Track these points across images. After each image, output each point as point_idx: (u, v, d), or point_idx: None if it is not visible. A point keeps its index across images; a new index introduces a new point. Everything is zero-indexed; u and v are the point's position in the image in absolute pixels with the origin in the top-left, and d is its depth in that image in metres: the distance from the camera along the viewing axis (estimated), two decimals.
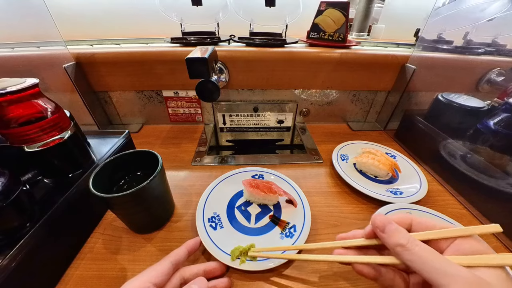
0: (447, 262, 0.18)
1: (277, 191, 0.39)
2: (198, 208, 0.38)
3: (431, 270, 0.17)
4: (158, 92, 0.64)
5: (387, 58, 0.59)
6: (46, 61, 0.54)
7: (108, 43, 0.65)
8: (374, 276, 0.22)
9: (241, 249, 0.31)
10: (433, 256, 0.18)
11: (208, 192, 0.41)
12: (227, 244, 0.32)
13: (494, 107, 0.42)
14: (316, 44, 0.61)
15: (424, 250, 0.18)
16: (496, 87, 0.43)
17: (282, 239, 0.34)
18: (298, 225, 0.36)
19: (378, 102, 0.70)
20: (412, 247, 0.19)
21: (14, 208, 0.26)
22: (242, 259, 0.30)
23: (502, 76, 0.43)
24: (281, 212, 0.39)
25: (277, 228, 0.36)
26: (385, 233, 0.21)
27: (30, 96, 0.30)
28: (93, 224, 0.37)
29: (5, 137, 0.30)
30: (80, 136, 0.38)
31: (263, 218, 0.38)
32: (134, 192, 0.28)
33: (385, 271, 0.22)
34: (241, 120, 0.70)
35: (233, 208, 0.40)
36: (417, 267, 0.18)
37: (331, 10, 0.57)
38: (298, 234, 0.34)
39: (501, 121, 0.39)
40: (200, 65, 0.40)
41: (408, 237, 0.19)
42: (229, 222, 0.37)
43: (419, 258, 0.18)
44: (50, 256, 0.29)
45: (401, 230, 0.20)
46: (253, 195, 0.39)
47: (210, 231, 0.34)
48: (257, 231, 0.36)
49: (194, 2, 0.56)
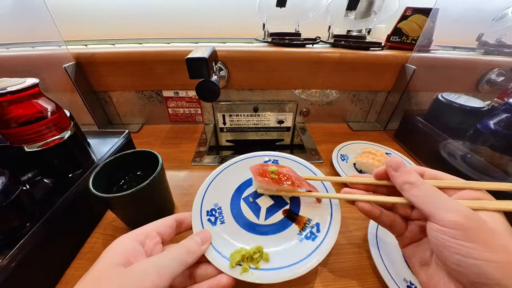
0: (449, 199, 0.19)
1: (298, 182, 0.29)
2: (197, 197, 0.31)
3: (433, 204, 0.18)
4: (158, 92, 0.64)
5: (387, 58, 0.59)
6: (46, 61, 0.54)
7: (108, 43, 0.65)
8: (376, 214, 0.23)
9: (244, 253, 0.24)
10: (438, 193, 0.19)
11: (211, 179, 0.33)
12: (228, 244, 0.26)
13: (494, 107, 0.42)
14: (397, 47, 0.63)
15: (430, 188, 0.20)
16: (496, 87, 0.43)
17: (301, 242, 0.27)
18: (323, 224, 0.28)
19: (378, 102, 0.70)
20: (420, 184, 0.20)
21: (14, 208, 0.26)
22: (244, 266, 0.24)
23: (502, 76, 0.43)
24: (299, 205, 0.31)
25: (294, 226, 0.28)
26: (398, 171, 0.22)
27: (30, 96, 0.30)
28: (93, 224, 0.37)
29: (5, 137, 0.30)
30: (80, 136, 0.38)
31: (276, 213, 0.30)
32: (134, 192, 0.28)
33: (387, 212, 0.23)
34: (241, 120, 0.70)
35: (239, 199, 0.32)
36: (420, 201, 0.19)
37: (417, 15, 0.59)
38: (323, 236, 0.27)
39: (501, 121, 0.39)
40: (200, 65, 0.40)
41: (418, 178, 0.21)
42: (232, 216, 0.30)
43: (424, 193, 0.19)
44: (50, 256, 0.29)
45: (413, 172, 0.22)
46: (264, 186, 0.30)
47: (207, 227, 0.27)
48: (267, 229, 0.28)
49: (278, 3, 0.58)
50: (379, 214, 0.23)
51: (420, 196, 0.19)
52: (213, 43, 0.65)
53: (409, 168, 0.22)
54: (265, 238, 0.27)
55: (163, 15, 0.72)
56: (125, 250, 0.21)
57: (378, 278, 0.30)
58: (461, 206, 0.18)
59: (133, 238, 0.22)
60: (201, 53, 0.41)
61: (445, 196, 0.19)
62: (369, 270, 0.31)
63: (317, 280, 0.30)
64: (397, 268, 0.30)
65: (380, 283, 0.29)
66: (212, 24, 0.74)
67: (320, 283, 0.30)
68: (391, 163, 0.23)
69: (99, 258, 0.20)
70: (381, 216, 0.23)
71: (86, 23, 0.72)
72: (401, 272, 0.30)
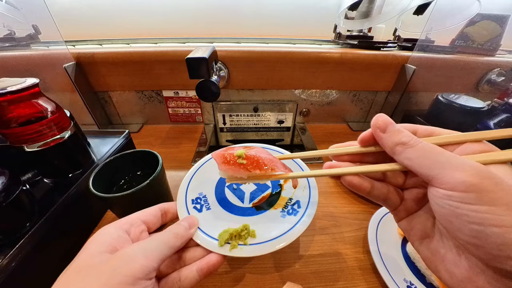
0: (453, 155, 0.15)
1: (272, 165, 0.25)
2: (181, 188, 0.31)
3: (435, 164, 0.15)
4: (158, 92, 0.64)
5: (387, 58, 0.59)
6: (46, 61, 0.54)
7: (108, 43, 0.65)
8: (366, 188, 0.20)
9: (232, 231, 0.25)
10: (438, 150, 0.15)
11: (193, 173, 0.34)
12: (215, 227, 0.26)
13: (494, 107, 0.42)
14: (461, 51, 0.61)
15: (428, 145, 0.16)
16: (496, 88, 0.43)
17: (284, 218, 0.28)
18: (303, 200, 0.29)
19: (378, 102, 0.70)
20: (415, 144, 0.16)
21: (14, 208, 0.26)
22: (233, 243, 0.24)
23: (502, 76, 0.43)
24: (281, 188, 0.32)
25: (277, 206, 0.30)
26: (386, 132, 0.18)
27: (30, 96, 0.30)
28: (93, 224, 0.37)
29: (5, 137, 0.30)
30: (80, 136, 0.38)
31: (259, 196, 0.32)
32: (134, 192, 0.28)
33: (379, 184, 0.20)
34: (241, 120, 0.70)
35: (223, 187, 0.33)
36: (418, 164, 0.16)
37: (486, 22, 0.58)
38: (304, 210, 0.28)
39: (501, 122, 0.39)
40: (200, 65, 0.40)
41: (411, 136, 0.17)
42: (217, 202, 0.30)
43: (421, 153, 0.16)
44: (50, 256, 0.29)
45: (404, 130, 0.17)
46: (231, 174, 0.26)
47: (193, 214, 0.28)
48: (252, 211, 0.30)
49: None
50: (370, 188, 0.19)
51: (417, 157, 0.16)
52: None
53: (399, 127, 0.18)
54: (251, 218, 0.28)
55: (180, 14, 0.72)
56: (110, 238, 0.20)
57: (378, 278, 0.30)
58: (469, 162, 0.14)
59: (118, 226, 0.22)
60: (201, 53, 0.41)
61: (448, 152, 0.15)
62: (369, 270, 0.31)
63: (317, 280, 0.30)
64: (397, 268, 0.30)
65: (380, 283, 0.29)
66: None
67: (320, 283, 0.30)
68: (377, 123, 0.18)
69: (82, 249, 0.19)
70: (372, 190, 0.20)
71: (86, 23, 0.72)
72: (401, 272, 0.30)
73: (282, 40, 0.71)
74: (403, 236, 0.34)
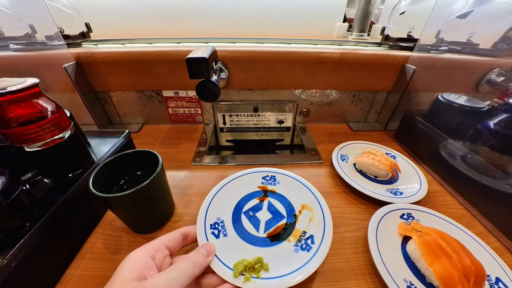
0: None
1: None
2: (201, 211, 0.33)
3: None
4: (158, 92, 0.64)
5: (387, 58, 0.59)
6: (46, 61, 0.54)
7: (108, 43, 0.65)
8: None
9: (246, 263, 0.27)
10: None
11: (214, 194, 0.36)
12: (231, 255, 0.28)
13: (494, 107, 0.42)
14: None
15: None
16: (496, 88, 0.43)
17: (297, 252, 0.29)
18: (317, 235, 0.31)
19: (378, 102, 0.70)
20: None
21: (14, 208, 0.26)
22: (246, 275, 0.26)
23: (502, 76, 0.43)
24: (295, 220, 0.34)
25: (291, 238, 0.32)
26: None
27: (30, 96, 0.30)
28: (93, 224, 0.37)
29: (5, 137, 0.30)
30: (80, 136, 0.38)
31: (274, 226, 0.33)
32: (134, 192, 0.28)
33: None
34: (241, 120, 0.70)
35: (239, 213, 0.35)
36: None
37: None
38: (317, 247, 0.29)
39: (501, 122, 0.39)
40: (200, 65, 0.40)
41: None
42: (234, 229, 0.32)
43: None
44: (50, 256, 0.29)
45: None
46: None
47: (211, 240, 0.30)
48: (266, 242, 0.31)
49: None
50: None
51: None
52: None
53: None
54: (265, 249, 0.30)
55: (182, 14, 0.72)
56: (138, 265, 0.23)
57: (378, 278, 0.30)
58: None
59: (145, 253, 0.24)
60: (201, 53, 0.41)
61: None
62: (369, 270, 0.31)
63: (317, 281, 0.30)
64: (397, 268, 0.30)
65: (380, 283, 0.29)
66: None
67: (320, 284, 0.30)
68: None
69: (115, 274, 0.22)
70: None
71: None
72: (401, 272, 0.30)
73: (282, 40, 0.71)
74: (403, 236, 0.34)
